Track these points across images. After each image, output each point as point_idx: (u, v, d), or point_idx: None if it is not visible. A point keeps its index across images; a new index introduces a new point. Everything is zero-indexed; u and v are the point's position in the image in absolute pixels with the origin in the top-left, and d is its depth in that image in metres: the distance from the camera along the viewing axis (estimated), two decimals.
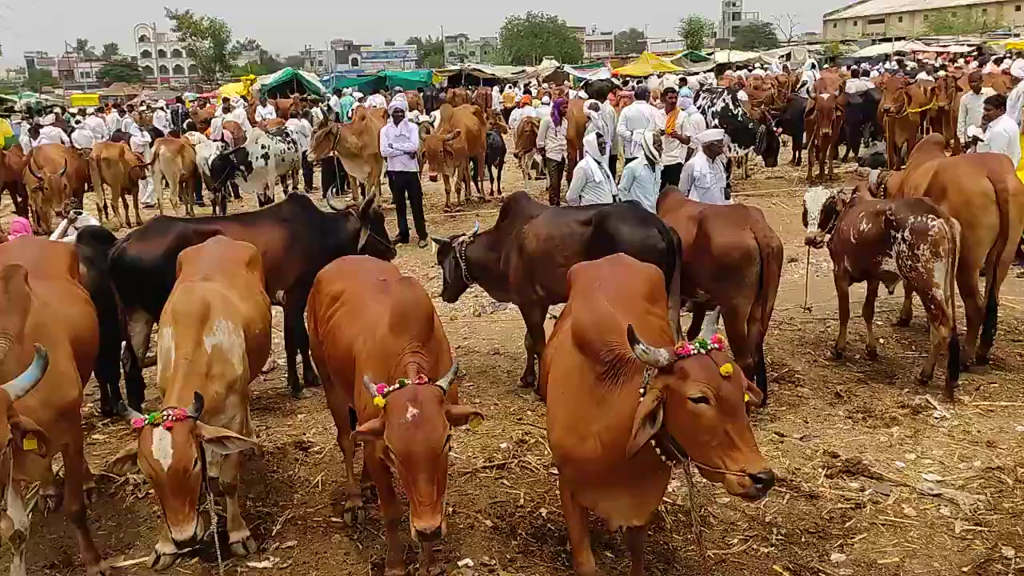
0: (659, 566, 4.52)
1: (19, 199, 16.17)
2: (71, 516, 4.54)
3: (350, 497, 5.15)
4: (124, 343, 6.67)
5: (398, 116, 12.75)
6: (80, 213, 9.61)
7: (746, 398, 3.14)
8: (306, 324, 5.78)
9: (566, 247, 6.41)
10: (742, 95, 15.61)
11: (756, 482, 2.98)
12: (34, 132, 21.01)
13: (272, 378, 7.63)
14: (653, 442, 3.27)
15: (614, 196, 8.59)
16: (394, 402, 3.50)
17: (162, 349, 4.37)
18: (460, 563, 4.54)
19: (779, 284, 6.31)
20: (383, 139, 12.52)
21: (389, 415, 3.49)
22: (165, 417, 3.73)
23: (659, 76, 30.88)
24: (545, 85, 32.38)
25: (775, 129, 15.34)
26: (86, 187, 15.67)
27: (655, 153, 8.82)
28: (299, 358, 7.32)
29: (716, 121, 13.70)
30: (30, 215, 14.44)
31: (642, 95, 13.72)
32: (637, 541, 4.18)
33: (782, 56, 40.98)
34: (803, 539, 4.70)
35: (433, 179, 14.59)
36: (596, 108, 13.39)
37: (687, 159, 10.35)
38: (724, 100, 14.50)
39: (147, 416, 3.74)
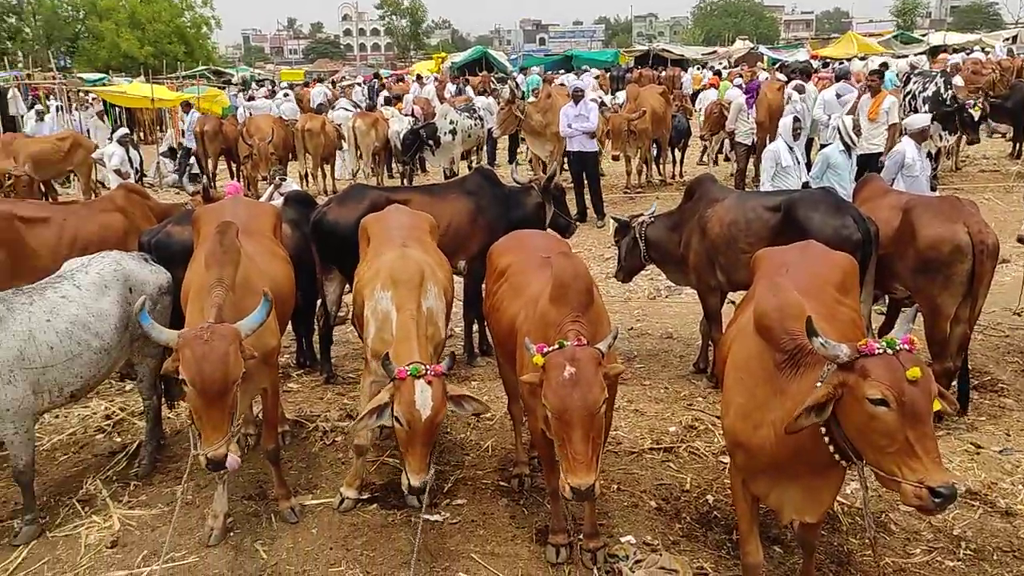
0: (831, 568, 4.35)
1: (234, 165, 17.57)
2: (267, 454, 4.94)
3: (518, 464, 5.29)
4: (319, 301, 7.13)
5: (578, 96, 12.72)
6: (284, 179, 10.31)
7: (936, 406, 2.94)
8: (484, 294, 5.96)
9: (751, 233, 6.23)
10: (957, 80, 14.45)
11: (935, 496, 2.80)
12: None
13: (449, 345, 7.89)
14: (827, 440, 3.16)
15: (805, 183, 8.24)
16: (552, 361, 3.57)
17: (377, 311, 4.57)
18: (622, 539, 4.56)
19: (991, 285, 5.85)
20: (562, 119, 12.58)
21: (547, 373, 3.57)
22: (425, 371, 3.98)
23: (862, 59, 29.05)
24: (736, 68, 31.32)
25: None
26: (291, 156, 16.80)
27: (853, 138, 8.37)
28: (475, 327, 7.55)
29: (927, 107, 12.79)
30: (241, 180, 15.69)
31: (843, 77, 13.01)
32: (809, 539, 4.03)
33: (1007, 39, 37.42)
34: (995, 556, 4.38)
35: (615, 158, 14.53)
36: (801, 90, 12.79)
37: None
38: (936, 84, 13.50)
39: (409, 368, 3.98)
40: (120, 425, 6.26)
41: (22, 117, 20.25)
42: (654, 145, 15.44)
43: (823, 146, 9.88)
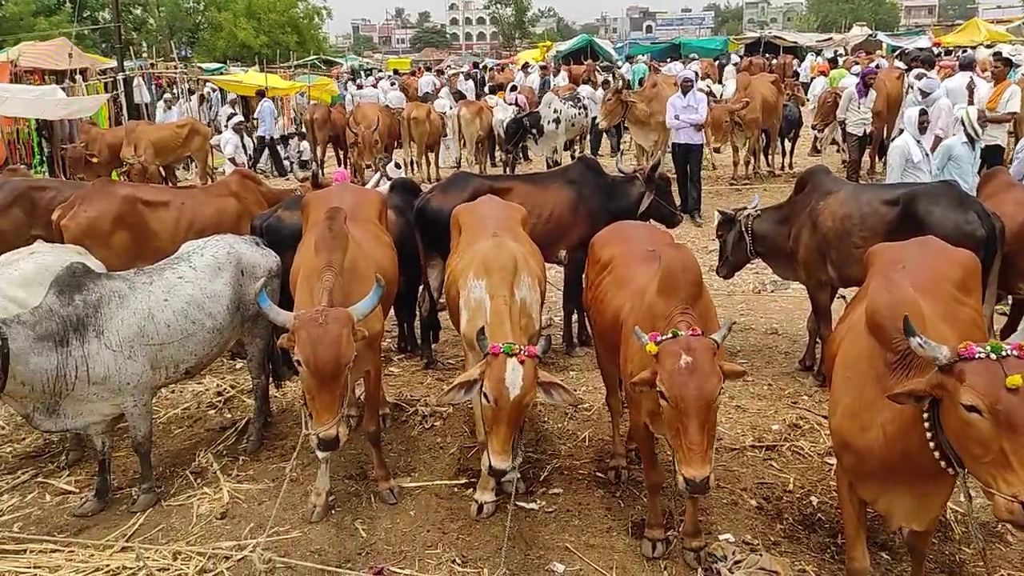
0: None
1: (341, 152, 18.02)
2: (368, 435, 5.05)
3: (615, 456, 5.25)
4: (422, 287, 7.24)
5: (686, 87, 12.37)
6: (399, 166, 10.52)
7: None
8: (583, 285, 5.92)
9: (866, 227, 5.99)
10: None
11: None
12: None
13: (547, 333, 7.89)
14: (932, 445, 3.02)
15: None
16: (667, 349, 3.52)
17: (470, 300, 4.60)
18: (721, 537, 4.47)
19: None
20: (670, 110, 12.28)
21: (662, 361, 3.52)
22: (519, 351, 3.98)
23: (988, 46, 27.48)
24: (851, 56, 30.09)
25: None
26: (396, 144, 17.11)
27: (978, 130, 7.93)
28: (575, 317, 7.52)
29: None
30: (348, 167, 16.09)
31: (967, 66, 12.31)
32: (919, 547, 3.85)
33: None
34: None
35: (716, 150, 14.23)
36: (922, 79, 12.17)
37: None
38: None
39: (504, 346, 4.00)
40: (230, 402, 6.51)
41: (146, 105, 21.27)
42: (763, 135, 15.03)
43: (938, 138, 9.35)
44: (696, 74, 15.76)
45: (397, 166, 10.58)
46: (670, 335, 3.57)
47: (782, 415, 5.98)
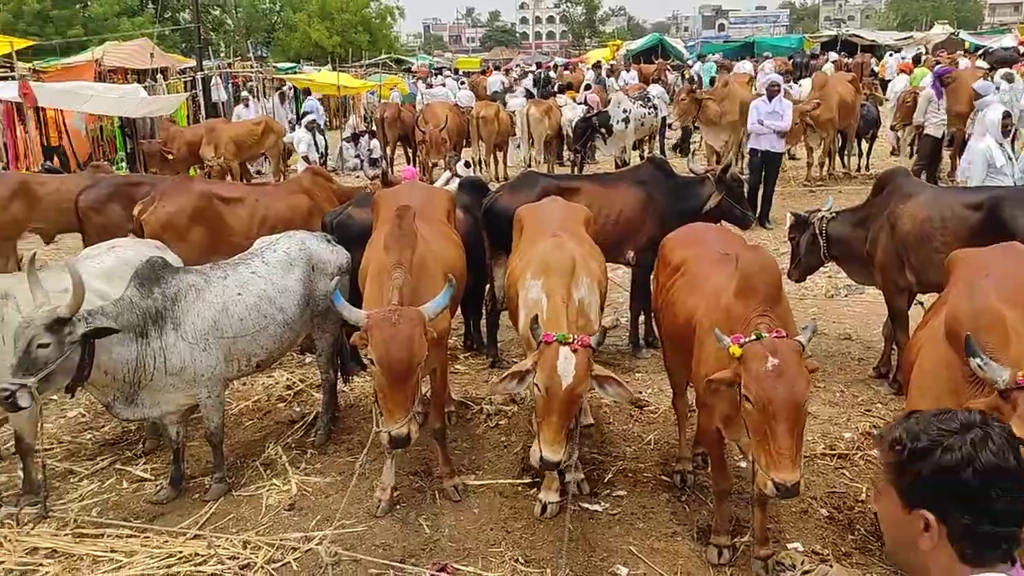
0: None
1: (410, 151, 18.22)
2: (433, 432, 5.08)
3: (680, 460, 5.17)
4: (488, 286, 7.26)
5: (772, 91, 11.67)
6: (469, 165, 10.60)
7: None
8: (651, 286, 5.85)
9: (947, 232, 5.79)
10: None
11: None
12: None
13: (614, 335, 7.85)
14: None
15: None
16: (753, 352, 3.44)
17: (528, 300, 4.57)
18: (789, 546, 4.37)
19: None
20: (752, 112, 11.69)
21: (747, 364, 3.44)
22: (572, 340, 3.96)
23: None
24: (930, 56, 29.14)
25: None
26: (464, 143, 17.23)
27: None
28: (641, 318, 7.45)
29: None
30: (416, 165, 16.26)
31: None
32: None
33: None
34: None
35: (791, 156, 13.95)
36: (1010, 79, 11.71)
37: None
38: None
39: (557, 335, 3.99)
40: (299, 395, 6.63)
41: (222, 103, 21.84)
42: (839, 136, 14.65)
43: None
44: (782, 77, 15.25)
45: (467, 165, 10.66)
46: (753, 337, 3.50)
47: (855, 423, 5.82)
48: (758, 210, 11.86)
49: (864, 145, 15.47)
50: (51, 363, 4.13)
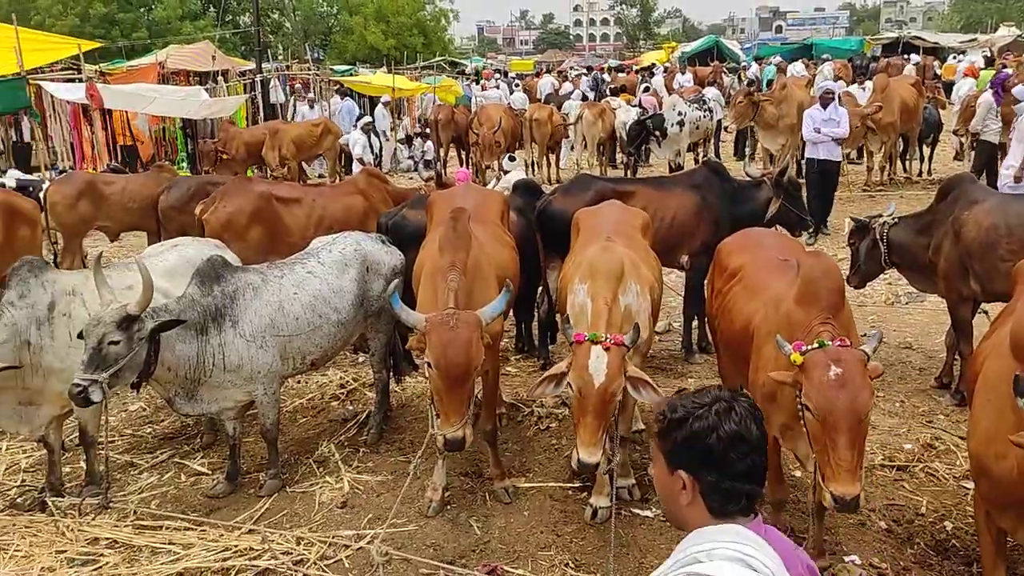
0: None
1: (463, 153, 18.31)
2: (484, 434, 5.09)
3: None
4: (540, 288, 7.25)
5: (827, 99, 11.35)
6: (510, 159, 10.60)
7: None
8: (705, 291, 5.78)
9: (1014, 239, 5.63)
10: None
11: None
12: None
13: (666, 339, 7.79)
14: None
15: None
16: (815, 360, 3.37)
17: (574, 304, 4.52)
18: (847, 558, 4.28)
19: None
20: (807, 121, 11.34)
21: (809, 373, 3.37)
22: (604, 338, 3.93)
23: None
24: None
25: None
26: (518, 145, 17.25)
27: None
28: (695, 323, 7.37)
29: None
30: (470, 167, 16.33)
31: None
32: None
33: None
34: None
35: (850, 160, 13.65)
36: None
37: None
38: None
39: (588, 334, 3.97)
40: (352, 394, 6.70)
41: (280, 105, 22.19)
42: (901, 140, 14.31)
43: None
44: (837, 86, 14.84)
45: (511, 159, 10.62)
46: (816, 345, 3.42)
47: (915, 434, 5.67)
48: (815, 217, 11.62)
49: (926, 150, 15.09)
50: (121, 359, 4.26)
